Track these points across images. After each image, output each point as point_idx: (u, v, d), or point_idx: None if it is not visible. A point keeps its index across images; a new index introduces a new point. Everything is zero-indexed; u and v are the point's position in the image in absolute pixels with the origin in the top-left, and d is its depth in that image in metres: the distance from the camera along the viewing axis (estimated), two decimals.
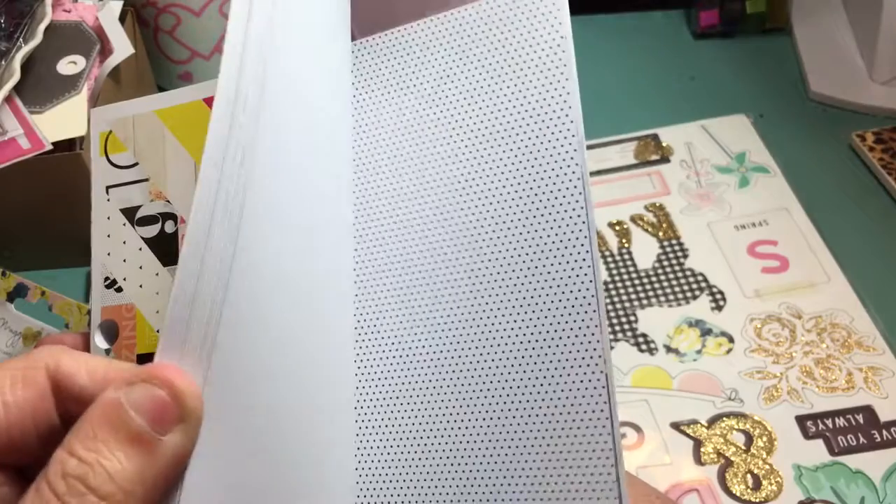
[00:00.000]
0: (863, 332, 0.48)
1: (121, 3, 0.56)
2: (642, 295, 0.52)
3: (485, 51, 0.30)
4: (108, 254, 0.32)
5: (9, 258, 0.55)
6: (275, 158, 0.26)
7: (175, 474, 0.22)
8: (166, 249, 0.31)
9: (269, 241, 0.25)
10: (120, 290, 0.31)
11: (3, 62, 0.50)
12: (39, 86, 0.51)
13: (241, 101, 0.25)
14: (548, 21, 0.29)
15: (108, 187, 0.32)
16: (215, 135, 0.24)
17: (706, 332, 0.49)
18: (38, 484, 0.21)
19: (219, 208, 0.24)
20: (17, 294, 0.46)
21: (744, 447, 0.44)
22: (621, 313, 0.51)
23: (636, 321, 0.50)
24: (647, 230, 0.55)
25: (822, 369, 0.47)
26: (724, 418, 0.45)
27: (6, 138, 0.48)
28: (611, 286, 0.52)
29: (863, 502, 0.41)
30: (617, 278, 0.53)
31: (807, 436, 0.44)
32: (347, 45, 0.32)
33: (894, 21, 0.61)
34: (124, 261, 0.31)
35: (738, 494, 0.42)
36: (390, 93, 0.31)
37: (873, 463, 0.43)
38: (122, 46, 0.53)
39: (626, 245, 0.55)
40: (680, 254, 0.54)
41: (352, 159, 0.31)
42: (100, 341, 0.31)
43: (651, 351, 0.49)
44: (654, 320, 0.50)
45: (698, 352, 0.48)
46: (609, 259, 0.54)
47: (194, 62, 0.67)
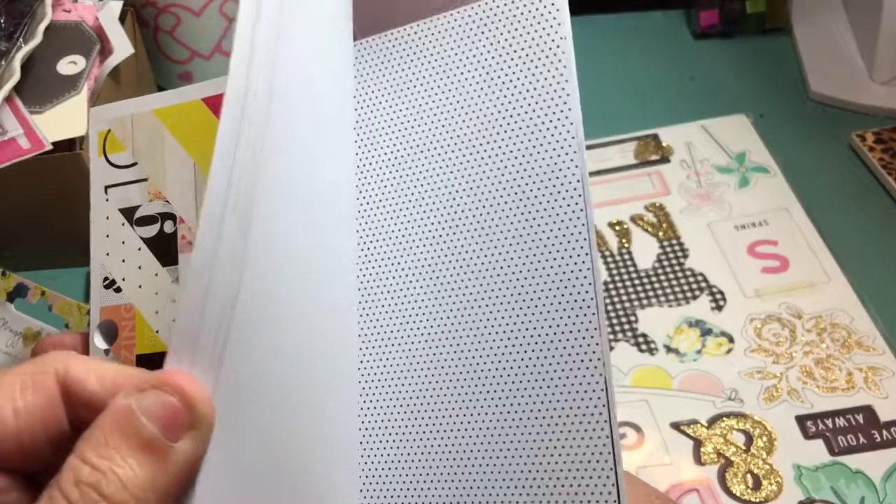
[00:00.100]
0: (863, 332, 0.48)
1: (121, 3, 0.56)
2: (642, 295, 0.52)
3: (485, 52, 0.30)
4: (107, 254, 0.32)
5: (9, 258, 0.55)
6: (285, 136, 0.26)
7: (187, 480, 0.22)
8: (165, 249, 0.31)
9: (280, 240, 0.25)
10: (119, 290, 0.31)
11: (3, 62, 0.50)
12: (39, 86, 0.51)
13: (252, 95, 0.25)
14: (547, 22, 0.29)
15: (106, 187, 0.32)
16: (229, 117, 0.24)
17: (706, 332, 0.49)
18: (50, 491, 0.21)
19: (229, 204, 0.24)
20: (17, 294, 0.46)
21: (744, 447, 0.44)
22: (621, 313, 0.51)
23: (636, 321, 0.50)
24: (647, 230, 0.55)
25: (822, 369, 0.47)
26: (724, 418, 0.45)
27: (6, 138, 0.48)
28: (611, 286, 0.52)
29: (863, 502, 0.41)
30: (617, 278, 0.53)
31: (807, 436, 0.44)
32: (349, 45, 0.32)
33: (894, 21, 0.61)
34: (123, 261, 0.31)
35: (738, 494, 0.42)
36: (390, 93, 0.31)
37: (873, 463, 0.42)
38: (122, 46, 0.53)
39: (626, 245, 0.55)
40: (680, 254, 0.54)
41: (354, 158, 0.31)
42: (99, 342, 0.31)
43: (651, 351, 0.49)
44: (654, 320, 0.50)
45: (698, 352, 0.48)
46: (609, 259, 0.54)
47: (194, 62, 0.67)
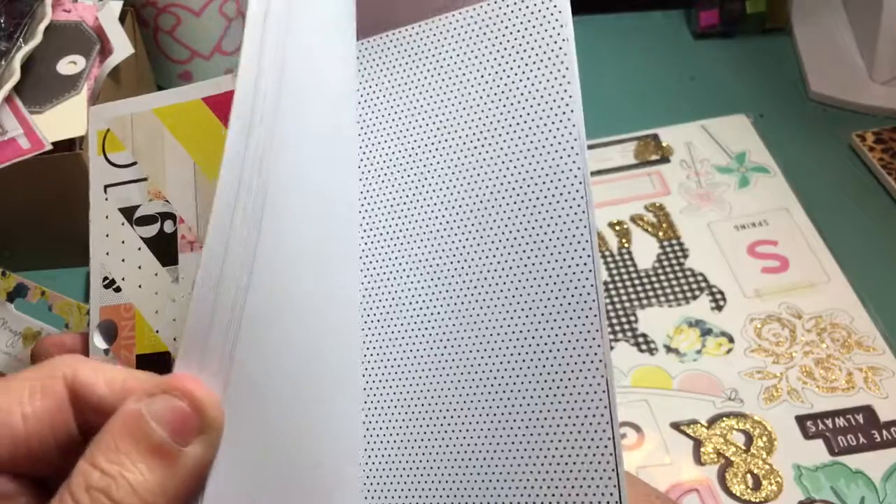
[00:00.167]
0: (863, 332, 0.48)
1: (121, 3, 0.56)
2: (642, 295, 0.52)
3: (487, 52, 0.30)
4: (107, 253, 0.32)
5: (9, 258, 0.55)
6: (295, 130, 0.26)
7: (196, 484, 0.22)
8: (165, 249, 0.31)
9: (290, 233, 0.25)
10: (118, 289, 0.31)
11: (3, 62, 0.50)
12: (39, 86, 0.51)
13: (262, 96, 0.25)
14: (550, 24, 0.29)
15: (106, 186, 0.32)
16: (239, 111, 0.24)
17: (706, 332, 0.49)
18: (61, 495, 0.21)
19: (239, 204, 0.24)
20: (17, 294, 0.45)
21: (744, 447, 0.44)
22: (621, 313, 0.51)
23: (636, 321, 0.50)
24: (647, 230, 0.55)
25: (822, 369, 0.47)
26: (724, 418, 0.45)
27: (6, 138, 0.48)
28: (611, 286, 0.52)
29: (863, 502, 0.41)
30: (617, 278, 0.53)
31: (807, 436, 0.44)
32: (353, 45, 0.32)
33: (894, 21, 0.61)
34: (123, 260, 0.31)
35: (738, 494, 0.42)
36: (392, 93, 0.31)
37: (873, 463, 0.42)
38: (122, 46, 0.53)
39: (626, 245, 0.55)
40: (680, 254, 0.54)
41: (357, 157, 0.31)
42: (98, 341, 0.31)
43: (651, 351, 0.49)
44: (654, 320, 0.50)
45: (698, 352, 0.48)
46: (609, 259, 0.54)
47: (194, 62, 0.67)
